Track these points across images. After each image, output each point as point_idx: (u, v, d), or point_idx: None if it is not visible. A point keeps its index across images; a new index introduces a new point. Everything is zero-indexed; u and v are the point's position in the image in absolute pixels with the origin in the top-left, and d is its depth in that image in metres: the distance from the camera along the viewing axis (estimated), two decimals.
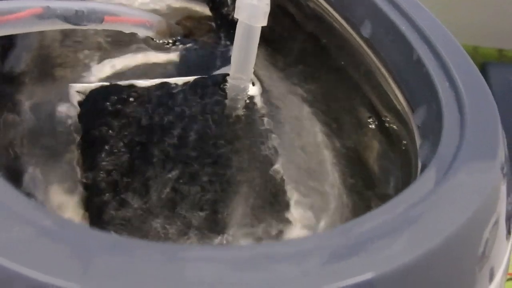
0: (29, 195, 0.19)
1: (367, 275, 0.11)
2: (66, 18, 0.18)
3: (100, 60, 0.25)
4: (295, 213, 0.22)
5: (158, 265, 0.11)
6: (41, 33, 0.25)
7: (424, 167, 0.16)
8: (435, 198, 0.14)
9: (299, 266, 0.11)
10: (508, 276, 0.34)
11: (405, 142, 0.20)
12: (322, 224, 0.21)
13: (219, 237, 0.20)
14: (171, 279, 0.10)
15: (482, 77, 0.18)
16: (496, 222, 0.15)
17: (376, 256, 0.12)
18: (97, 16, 0.19)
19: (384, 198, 0.20)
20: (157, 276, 0.10)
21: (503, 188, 0.15)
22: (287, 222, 0.21)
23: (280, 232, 0.21)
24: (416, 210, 0.13)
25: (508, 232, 0.16)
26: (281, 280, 0.11)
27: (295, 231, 0.21)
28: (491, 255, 0.14)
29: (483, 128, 0.16)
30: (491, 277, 0.14)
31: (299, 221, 0.22)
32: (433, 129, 0.17)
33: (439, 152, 0.15)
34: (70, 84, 0.23)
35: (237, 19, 0.22)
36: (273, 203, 0.22)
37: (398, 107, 0.20)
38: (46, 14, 0.17)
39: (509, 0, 0.44)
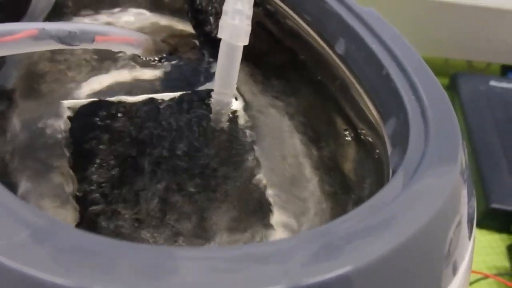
0: None
1: (344, 269, 0.12)
2: (60, 39, 0.19)
3: (89, 76, 0.26)
4: (277, 218, 0.23)
5: (144, 265, 0.11)
6: None
7: (394, 172, 0.17)
8: (403, 200, 0.15)
9: (281, 264, 0.12)
10: (480, 276, 0.35)
11: (378, 151, 0.21)
12: (303, 228, 0.23)
13: (207, 244, 0.21)
14: (155, 277, 0.11)
15: (444, 91, 0.19)
16: (459, 223, 0.16)
17: (352, 253, 0.13)
18: (89, 36, 0.20)
19: (359, 202, 0.22)
20: (143, 275, 0.11)
21: (464, 192, 0.17)
22: (271, 227, 0.23)
23: (264, 237, 0.22)
24: (387, 211, 0.15)
25: (470, 233, 0.17)
26: (264, 276, 0.11)
27: (278, 236, 0.22)
28: (455, 253, 0.16)
29: (445, 137, 0.17)
30: (454, 272, 0.16)
31: (281, 226, 0.23)
32: (401, 139, 0.18)
33: (406, 159, 0.16)
34: (61, 101, 0.24)
35: (220, 38, 0.23)
36: (257, 210, 0.23)
37: (371, 118, 0.21)
38: (42, 35, 0.18)
39: (477, 16, 0.47)
